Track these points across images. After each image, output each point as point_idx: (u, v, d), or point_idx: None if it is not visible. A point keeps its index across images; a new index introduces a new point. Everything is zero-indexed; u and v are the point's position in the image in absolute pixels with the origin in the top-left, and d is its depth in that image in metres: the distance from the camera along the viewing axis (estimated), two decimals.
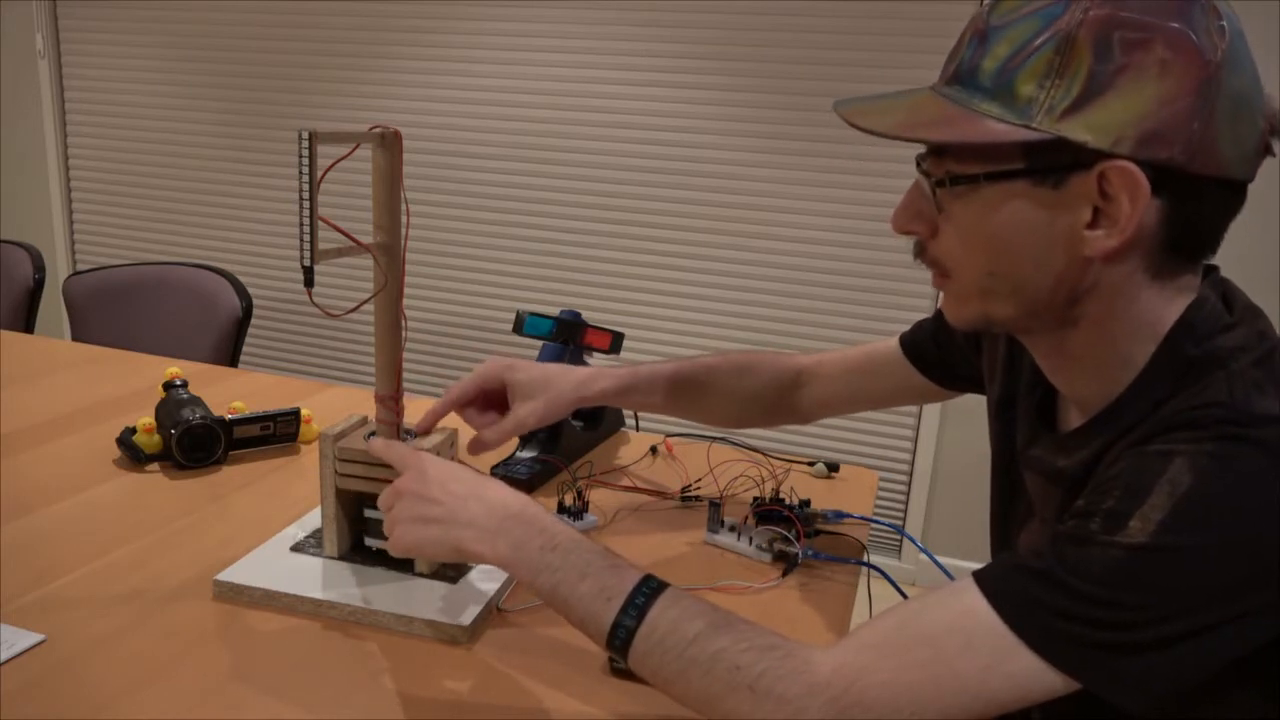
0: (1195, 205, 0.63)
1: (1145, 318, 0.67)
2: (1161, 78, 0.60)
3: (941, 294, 0.74)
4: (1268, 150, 0.65)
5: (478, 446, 1.00)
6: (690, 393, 1.07)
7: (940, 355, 1.00)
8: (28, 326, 2.16)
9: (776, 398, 1.10)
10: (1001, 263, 0.67)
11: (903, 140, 0.65)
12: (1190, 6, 0.61)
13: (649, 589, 0.69)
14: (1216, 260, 0.72)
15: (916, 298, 2.60)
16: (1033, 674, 0.60)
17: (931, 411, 2.65)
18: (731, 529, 1.06)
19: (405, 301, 0.84)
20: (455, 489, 0.79)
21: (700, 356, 1.09)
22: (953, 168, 0.66)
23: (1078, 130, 0.61)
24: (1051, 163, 0.63)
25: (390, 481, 0.90)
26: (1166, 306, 0.67)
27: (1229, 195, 0.64)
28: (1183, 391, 0.64)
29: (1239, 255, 1.48)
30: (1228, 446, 0.59)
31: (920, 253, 0.72)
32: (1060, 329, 0.70)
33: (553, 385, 1.00)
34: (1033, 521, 0.82)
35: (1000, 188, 0.65)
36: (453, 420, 1.09)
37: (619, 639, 0.69)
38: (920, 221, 0.70)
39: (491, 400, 1.03)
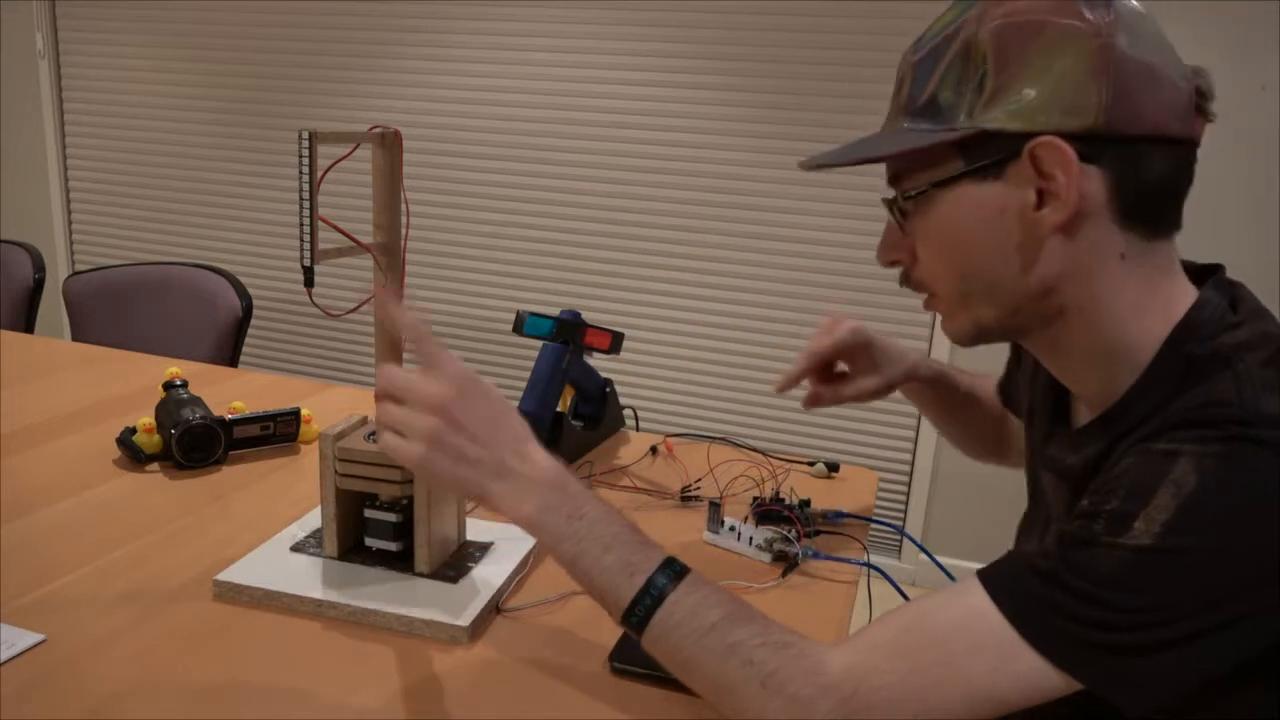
0: (1136, 167, 0.66)
1: (1126, 299, 0.68)
2: (1059, 57, 0.64)
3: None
4: (1201, 109, 0.68)
5: (814, 402, 1.05)
6: (969, 406, 1.09)
7: (1015, 389, 1.01)
8: (28, 326, 2.16)
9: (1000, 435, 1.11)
10: (970, 262, 0.70)
11: (848, 165, 0.72)
12: None
13: (674, 571, 0.70)
14: (1221, 261, 0.72)
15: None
16: (1038, 675, 0.60)
17: None
18: (731, 529, 1.05)
19: (405, 302, 0.84)
20: (502, 437, 0.75)
21: (971, 373, 1.11)
22: (906, 187, 0.72)
23: (996, 120, 0.66)
24: (984, 155, 0.67)
25: (391, 482, 0.90)
26: (1152, 294, 0.68)
27: (1170, 155, 0.66)
28: (1188, 390, 0.64)
29: (1240, 253, 1.48)
30: (1234, 447, 0.59)
31: (905, 280, 0.78)
32: (1049, 325, 0.71)
33: (896, 364, 1.05)
34: (1049, 523, 0.82)
35: (949, 192, 0.69)
36: None
37: (637, 615, 0.69)
38: (899, 250, 0.76)
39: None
